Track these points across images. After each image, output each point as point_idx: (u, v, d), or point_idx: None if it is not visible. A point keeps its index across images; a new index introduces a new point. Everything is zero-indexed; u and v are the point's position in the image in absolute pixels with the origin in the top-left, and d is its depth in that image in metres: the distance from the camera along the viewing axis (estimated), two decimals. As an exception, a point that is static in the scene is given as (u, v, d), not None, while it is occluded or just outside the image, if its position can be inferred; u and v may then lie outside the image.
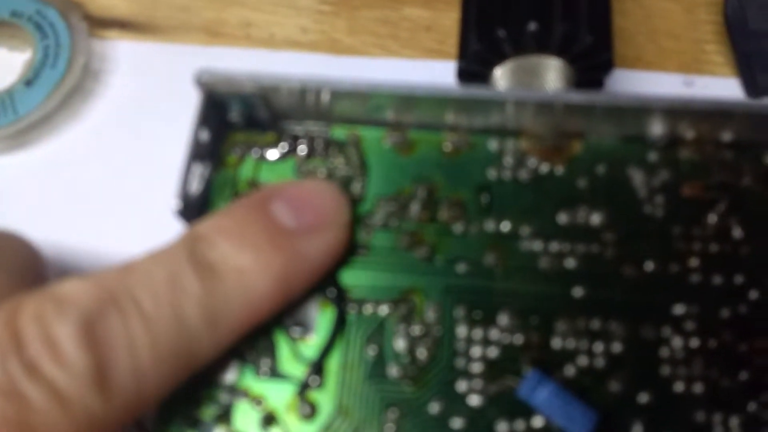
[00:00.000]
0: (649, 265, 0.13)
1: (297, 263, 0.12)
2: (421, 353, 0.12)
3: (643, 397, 0.12)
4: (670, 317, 0.12)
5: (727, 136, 0.13)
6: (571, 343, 0.12)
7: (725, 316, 0.12)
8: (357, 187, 0.14)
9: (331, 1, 0.22)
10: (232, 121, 0.14)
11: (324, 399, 0.12)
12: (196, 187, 0.13)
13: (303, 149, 0.14)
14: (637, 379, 0.12)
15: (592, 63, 0.16)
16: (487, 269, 0.13)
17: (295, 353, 0.13)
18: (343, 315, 0.13)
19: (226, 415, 0.12)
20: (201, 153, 0.13)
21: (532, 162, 0.14)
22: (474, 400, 0.12)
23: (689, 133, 0.13)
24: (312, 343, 0.13)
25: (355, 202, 0.14)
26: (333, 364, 0.12)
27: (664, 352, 0.12)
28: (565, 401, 0.11)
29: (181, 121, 0.14)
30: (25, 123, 0.19)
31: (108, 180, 0.19)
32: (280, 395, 0.12)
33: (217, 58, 0.21)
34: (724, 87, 0.20)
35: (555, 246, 0.13)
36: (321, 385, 0.12)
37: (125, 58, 0.21)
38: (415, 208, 0.14)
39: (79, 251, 0.18)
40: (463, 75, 0.17)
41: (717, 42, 0.21)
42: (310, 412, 0.12)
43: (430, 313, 0.13)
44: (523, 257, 0.13)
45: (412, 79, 0.20)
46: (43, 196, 0.19)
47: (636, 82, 0.20)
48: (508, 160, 0.14)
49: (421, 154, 0.14)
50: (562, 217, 0.13)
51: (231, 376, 0.12)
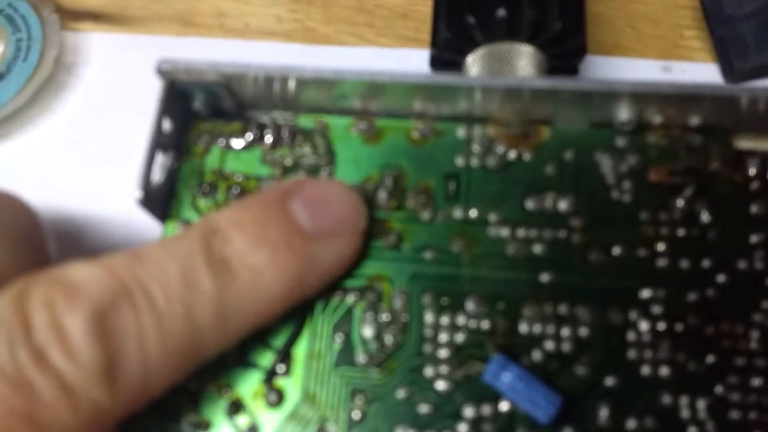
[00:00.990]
0: (617, 250, 0.13)
1: (311, 268, 0.12)
2: (389, 340, 0.12)
3: (610, 381, 0.12)
4: (637, 301, 0.12)
5: (694, 121, 0.13)
6: (537, 328, 0.12)
7: (692, 299, 0.12)
8: (324, 176, 0.14)
9: (306, -10, 0.22)
10: (196, 111, 0.14)
11: (291, 386, 0.12)
12: (158, 177, 0.13)
13: (269, 138, 0.14)
14: (603, 363, 0.12)
15: (563, 49, 0.16)
16: (455, 256, 0.13)
17: (262, 341, 0.13)
18: (310, 303, 0.13)
19: (193, 404, 0.12)
20: (164, 142, 0.13)
21: (500, 149, 0.14)
22: (441, 386, 0.12)
23: (657, 118, 0.13)
24: (279, 332, 0.13)
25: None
26: (300, 352, 0.12)
27: (631, 336, 0.12)
28: (529, 386, 0.11)
29: (154, 105, 0.14)
30: (-3, 116, 0.19)
31: (81, 172, 0.19)
32: (246, 383, 0.12)
33: (191, 49, 0.21)
34: (703, 72, 0.20)
35: (522, 232, 0.13)
36: (288, 372, 0.12)
37: (98, 50, 0.21)
38: (382, 196, 0.13)
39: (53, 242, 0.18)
40: (436, 63, 0.17)
41: (696, 27, 0.21)
42: (277, 399, 0.12)
43: (398, 300, 0.13)
44: (490, 244, 0.13)
45: (388, 67, 0.20)
46: (17, 188, 0.19)
47: (613, 69, 0.20)
48: (476, 148, 0.14)
49: (388, 142, 0.14)
50: (530, 204, 0.13)
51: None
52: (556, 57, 0.16)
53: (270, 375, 0.12)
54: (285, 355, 0.12)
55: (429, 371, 0.12)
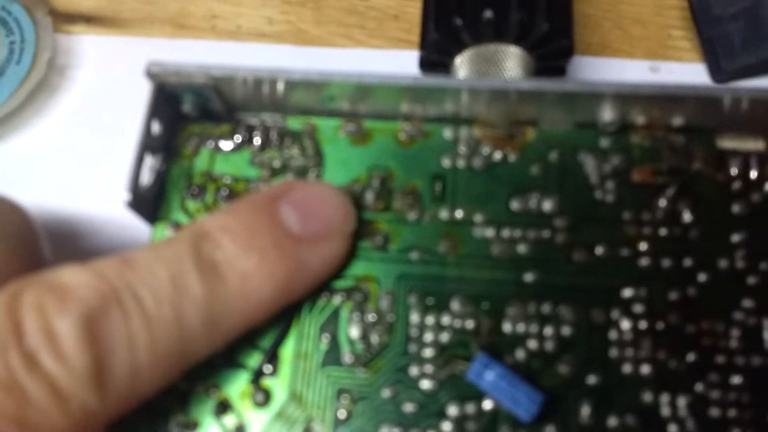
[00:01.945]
0: (600, 250, 0.13)
1: (300, 271, 0.12)
2: (375, 340, 0.13)
3: (592, 379, 0.12)
4: (619, 300, 0.12)
5: (678, 121, 0.13)
6: (521, 327, 0.12)
7: (674, 298, 0.12)
8: (312, 177, 0.14)
9: (297, -8, 0.22)
10: (186, 113, 0.14)
11: (278, 386, 0.12)
12: (147, 179, 0.13)
13: (258, 140, 0.14)
14: (585, 361, 0.12)
15: (550, 50, 0.16)
16: (441, 256, 0.13)
17: (249, 342, 0.13)
18: (298, 303, 0.13)
19: (181, 404, 0.12)
20: (153, 145, 0.13)
21: (486, 150, 0.14)
22: (426, 385, 0.12)
23: (640, 119, 0.13)
24: (266, 332, 0.13)
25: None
26: (287, 352, 0.13)
27: (613, 335, 0.12)
28: (511, 384, 0.11)
29: (143, 108, 0.14)
30: (-10, 119, 0.19)
31: (74, 174, 0.19)
32: (234, 383, 0.12)
33: (183, 51, 0.21)
34: (690, 72, 0.20)
35: (507, 232, 0.13)
36: (275, 372, 0.12)
37: (91, 53, 0.21)
38: (369, 198, 0.14)
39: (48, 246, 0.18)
40: (425, 64, 0.17)
41: (683, 28, 0.21)
42: (264, 399, 0.12)
43: (384, 301, 0.13)
44: (475, 244, 0.13)
45: (379, 69, 0.20)
46: (10, 190, 0.19)
47: (602, 69, 0.20)
48: (462, 149, 0.14)
49: (376, 144, 0.14)
50: (515, 204, 0.13)
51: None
52: (543, 58, 0.16)
53: (257, 375, 0.12)
54: (272, 355, 0.12)
55: (414, 370, 0.12)
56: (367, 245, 0.13)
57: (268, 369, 0.12)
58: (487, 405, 0.12)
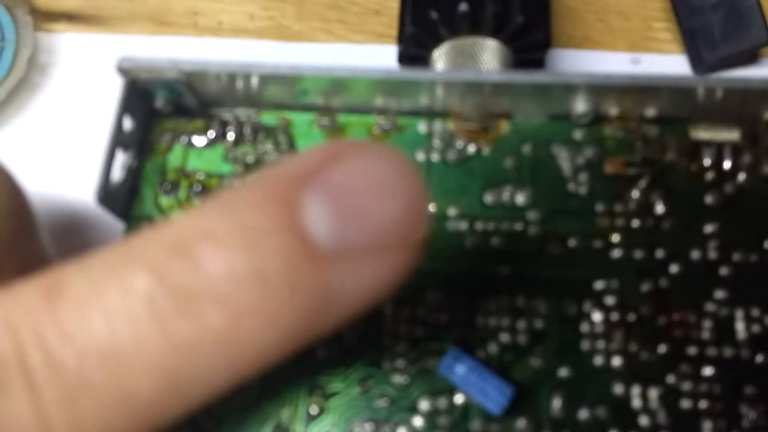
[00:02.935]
0: (572, 242, 0.13)
1: (326, 310, 0.08)
2: (348, 333, 0.13)
3: (563, 372, 0.12)
4: (591, 292, 0.12)
5: (651, 112, 0.13)
6: (494, 321, 0.12)
7: (646, 290, 0.12)
8: (286, 172, 0.14)
9: (279, -13, 0.22)
10: (159, 109, 0.14)
11: (251, 382, 0.12)
12: (119, 175, 0.13)
13: (231, 135, 0.14)
14: (557, 353, 0.12)
15: (526, 42, 0.16)
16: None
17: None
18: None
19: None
20: (125, 141, 0.13)
21: (460, 143, 0.14)
22: (398, 379, 0.12)
23: (613, 110, 0.13)
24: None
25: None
26: (260, 348, 0.13)
27: (585, 327, 0.12)
28: (482, 377, 0.11)
29: (114, 104, 0.14)
30: (-30, 117, 0.19)
31: (56, 171, 0.19)
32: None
33: (164, 48, 0.21)
34: (671, 64, 0.20)
35: (480, 225, 0.13)
36: (247, 368, 0.12)
37: (72, 51, 0.21)
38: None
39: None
40: (403, 59, 0.17)
41: (665, 19, 0.21)
42: (235, 395, 0.12)
43: (357, 295, 0.13)
44: (449, 237, 0.13)
45: (360, 63, 0.20)
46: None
47: (583, 62, 0.20)
48: (437, 142, 0.14)
49: (350, 138, 0.14)
50: (488, 197, 0.13)
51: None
52: (520, 50, 0.16)
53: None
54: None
55: (387, 365, 0.12)
56: (340, 240, 0.13)
57: (240, 364, 0.12)
58: (458, 399, 0.12)
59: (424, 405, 0.12)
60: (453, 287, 0.13)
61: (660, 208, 0.13)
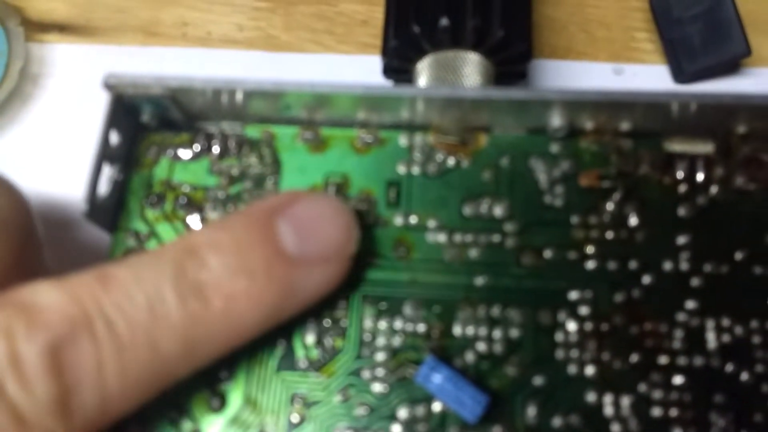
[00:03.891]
0: (548, 253, 0.13)
1: (291, 297, 0.12)
2: (329, 344, 0.13)
3: (538, 380, 0.12)
4: (566, 302, 0.13)
5: (625, 126, 0.14)
6: (471, 330, 0.13)
7: (619, 300, 0.13)
8: (270, 185, 0.14)
9: (267, -2, 0.22)
10: (145, 123, 0.14)
11: (233, 391, 0.13)
12: (105, 189, 0.13)
13: (216, 149, 0.14)
14: (532, 362, 0.12)
15: (508, 55, 0.16)
16: (394, 262, 0.13)
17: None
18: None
19: (138, 411, 0.13)
20: (111, 155, 0.13)
21: (440, 156, 0.14)
22: (377, 388, 0.12)
23: (589, 124, 0.14)
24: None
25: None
26: (242, 357, 0.13)
27: (559, 337, 0.13)
28: (457, 386, 0.12)
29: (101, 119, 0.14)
30: (-38, 128, 0.19)
31: (45, 182, 0.19)
32: (190, 388, 0.13)
33: (154, 59, 0.21)
34: (653, 74, 0.20)
35: (459, 237, 0.13)
36: (230, 378, 0.13)
37: (63, 61, 0.21)
38: (332, 197, 0.14)
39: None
40: (387, 71, 0.18)
41: (647, 30, 0.21)
42: (219, 404, 0.12)
43: (339, 306, 0.13)
44: (428, 249, 0.13)
45: (348, 73, 0.21)
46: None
47: (566, 73, 0.20)
48: (417, 155, 0.14)
49: (333, 151, 0.14)
50: (467, 209, 0.14)
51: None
52: (501, 63, 0.17)
53: (213, 380, 0.13)
54: (227, 360, 0.13)
55: (366, 374, 0.13)
56: (322, 251, 0.14)
57: (224, 375, 0.13)
58: (436, 407, 0.12)
59: (403, 413, 0.12)
60: (431, 297, 0.13)
61: (633, 220, 0.13)
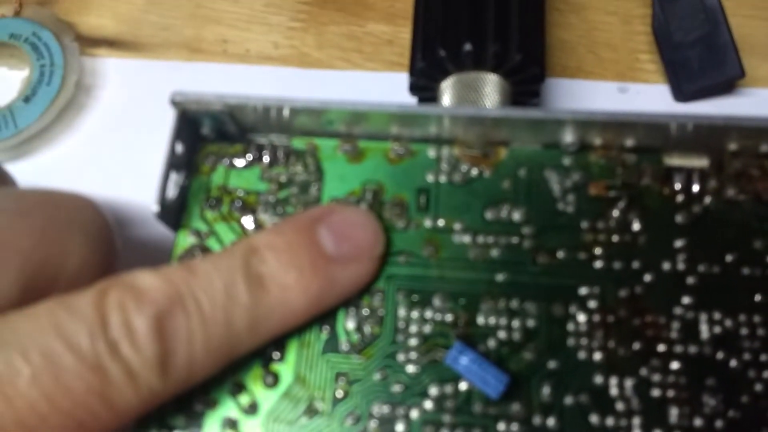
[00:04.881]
0: (561, 254, 0.15)
1: (331, 288, 0.14)
2: (368, 331, 0.15)
3: (552, 364, 0.14)
4: (576, 297, 0.15)
5: (629, 142, 0.16)
6: (492, 320, 0.14)
7: (623, 295, 0.14)
8: (314, 190, 0.16)
9: (300, 18, 0.24)
10: (204, 135, 0.16)
11: (285, 370, 0.14)
12: (172, 193, 0.15)
13: (267, 158, 0.16)
14: (547, 349, 0.14)
15: (523, 77, 0.18)
16: (424, 259, 0.15)
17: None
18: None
19: (202, 386, 0.14)
20: (176, 163, 0.15)
21: (464, 167, 0.16)
22: (411, 369, 0.14)
23: (597, 141, 0.16)
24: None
25: (312, 203, 0.16)
26: (293, 341, 0.15)
27: (571, 327, 0.14)
28: (482, 367, 0.13)
29: (164, 131, 0.16)
30: (25, 135, 0.21)
31: (100, 185, 0.21)
32: (247, 367, 0.14)
33: (197, 73, 0.23)
34: (655, 93, 0.22)
35: (481, 239, 0.15)
36: (282, 358, 0.14)
37: (114, 74, 0.23)
38: (363, 208, 0.16)
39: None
40: (414, 89, 0.19)
41: (650, 52, 0.23)
42: (273, 381, 0.14)
43: (376, 297, 0.15)
44: (454, 249, 0.15)
45: (374, 89, 0.23)
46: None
47: (575, 91, 0.22)
48: (444, 166, 0.16)
49: (369, 161, 0.16)
50: (489, 214, 0.15)
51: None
52: (518, 83, 0.18)
53: (267, 360, 0.14)
54: (280, 344, 0.14)
55: (401, 357, 0.14)
56: (361, 250, 0.15)
57: (276, 355, 0.14)
58: (462, 386, 0.14)
59: (434, 391, 0.14)
60: (457, 291, 0.15)
61: (636, 225, 0.15)
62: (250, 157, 0.16)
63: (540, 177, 0.16)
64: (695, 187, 0.15)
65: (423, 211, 0.16)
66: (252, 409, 0.14)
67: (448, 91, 0.18)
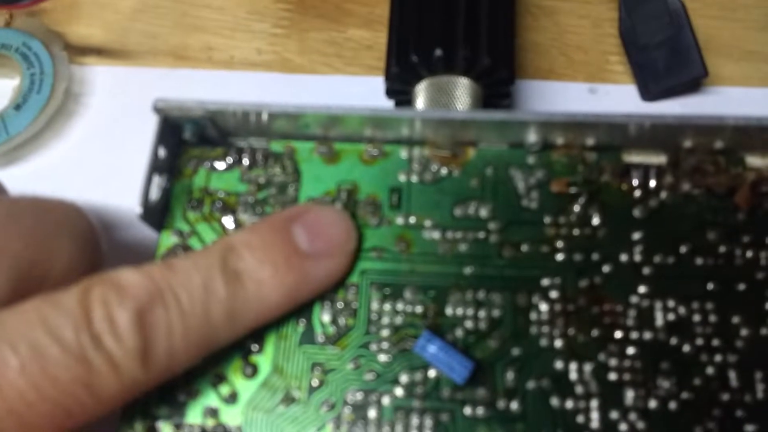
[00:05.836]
0: (525, 247, 0.16)
1: (305, 282, 0.15)
2: (342, 323, 0.15)
3: (515, 351, 0.15)
4: (539, 287, 0.15)
5: (590, 141, 0.16)
6: (460, 311, 0.15)
7: (583, 285, 0.15)
8: (291, 191, 0.17)
9: (283, 25, 0.25)
10: (186, 139, 0.17)
11: (263, 361, 0.15)
12: (155, 195, 0.16)
13: (246, 161, 0.17)
14: (510, 337, 0.15)
15: (493, 80, 0.19)
16: (396, 255, 0.16)
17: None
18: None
19: (185, 377, 0.15)
20: (159, 167, 0.16)
21: (435, 167, 0.17)
22: (383, 358, 0.15)
23: (559, 140, 0.16)
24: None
25: (290, 203, 0.17)
26: (270, 334, 0.15)
27: (533, 316, 0.15)
28: (448, 355, 0.14)
29: (151, 136, 0.16)
30: (16, 142, 0.22)
31: (88, 189, 0.22)
32: (227, 359, 0.15)
33: (183, 80, 0.24)
34: (624, 93, 0.23)
35: (450, 234, 0.16)
36: (260, 350, 0.15)
37: (102, 82, 0.24)
38: (338, 207, 0.16)
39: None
40: (389, 93, 0.20)
41: (619, 53, 0.24)
42: (252, 372, 0.15)
43: (350, 291, 0.16)
44: (425, 244, 0.16)
45: (355, 93, 0.23)
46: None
47: (547, 92, 0.23)
48: (415, 166, 0.17)
49: (344, 163, 0.17)
50: (457, 211, 0.16)
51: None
52: (488, 86, 0.19)
53: (246, 352, 0.15)
54: (258, 336, 0.15)
55: (374, 347, 0.15)
56: (336, 246, 0.16)
57: (255, 347, 0.15)
58: (431, 373, 0.15)
59: (404, 378, 0.15)
60: (427, 284, 0.16)
61: (596, 220, 0.16)
62: (230, 160, 0.17)
63: (506, 175, 0.16)
64: (652, 183, 0.16)
65: (395, 208, 0.16)
66: (232, 398, 0.15)
67: (421, 95, 0.19)
